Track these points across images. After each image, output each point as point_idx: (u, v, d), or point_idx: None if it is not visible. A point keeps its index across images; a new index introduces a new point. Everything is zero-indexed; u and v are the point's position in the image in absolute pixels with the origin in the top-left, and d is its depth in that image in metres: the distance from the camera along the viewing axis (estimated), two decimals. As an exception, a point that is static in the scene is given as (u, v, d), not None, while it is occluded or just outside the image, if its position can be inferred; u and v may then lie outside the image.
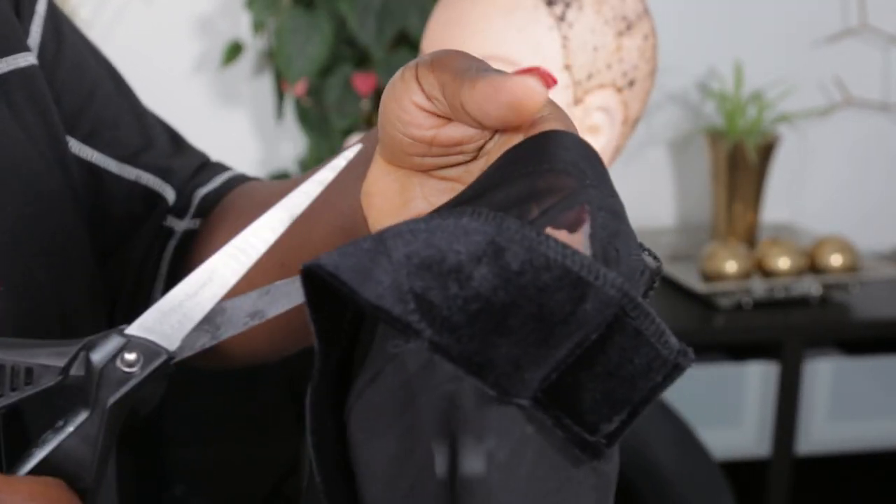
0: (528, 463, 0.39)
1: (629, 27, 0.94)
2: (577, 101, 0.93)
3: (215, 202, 0.72)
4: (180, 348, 0.45)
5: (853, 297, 1.92)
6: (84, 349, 0.44)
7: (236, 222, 0.67)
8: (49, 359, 0.43)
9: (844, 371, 1.91)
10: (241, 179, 0.75)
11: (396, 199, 0.48)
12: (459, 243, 0.38)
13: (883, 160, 2.22)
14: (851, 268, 1.90)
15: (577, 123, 0.94)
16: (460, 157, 0.46)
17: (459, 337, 0.38)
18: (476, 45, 0.91)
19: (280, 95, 1.89)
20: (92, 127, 0.70)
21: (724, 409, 1.87)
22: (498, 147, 0.45)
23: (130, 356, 0.44)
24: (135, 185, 0.71)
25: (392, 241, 0.39)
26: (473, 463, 0.38)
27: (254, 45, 1.95)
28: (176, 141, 0.75)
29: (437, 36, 0.94)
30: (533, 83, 0.42)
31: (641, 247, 0.44)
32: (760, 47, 2.11)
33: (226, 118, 2.01)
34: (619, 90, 0.95)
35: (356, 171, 0.51)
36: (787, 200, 2.20)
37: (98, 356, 0.43)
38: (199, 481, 1.08)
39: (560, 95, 0.93)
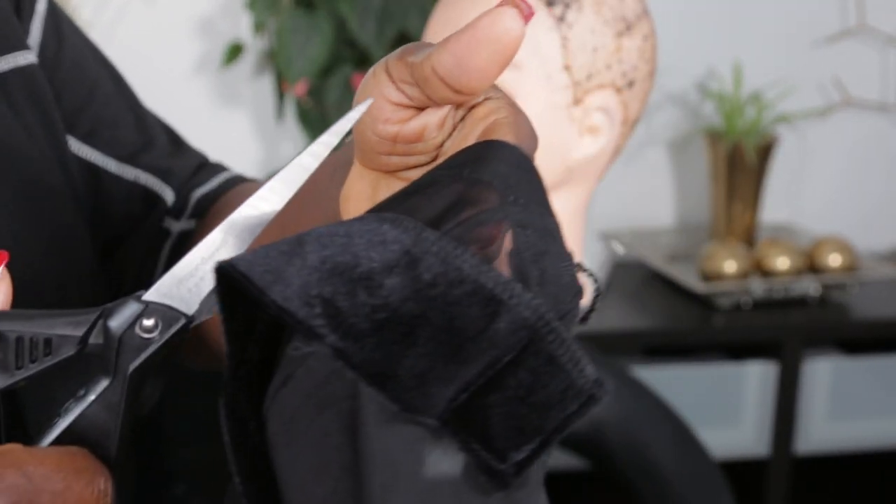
0: (430, 488, 0.38)
1: (629, 28, 0.94)
2: (577, 102, 0.94)
3: (211, 203, 0.73)
4: (198, 311, 0.45)
5: (852, 297, 1.93)
6: (101, 317, 0.43)
7: None
8: (67, 328, 0.43)
9: (843, 371, 1.91)
10: (238, 180, 0.75)
11: (368, 203, 0.48)
12: (375, 250, 0.38)
13: (882, 160, 2.23)
14: (850, 268, 1.91)
15: (576, 124, 0.94)
16: (421, 158, 0.46)
17: (363, 345, 0.37)
18: (476, 46, 0.91)
19: (280, 96, 1.89)
20: (91, 126, 0.70)
21: (724, 408, 1.88)
22: (453, 148, 0.45)
23: (149, 322, 0.43)
24: (134, 186, 0.71)
25: (310, 243, 0.38)
26: (377, 481, 0.37)
27: (254, 46, 1.96)
28: (175, 141, 0.75)
29: (437, 36, 0.94)
30: (507, 11, 0.41)
31: (580, 267, 0.43)
32: (759, 48, 2.11)
33: (226, 118, 2.01)
34: (619, 90, 0.95)
35: (342, 174, 0.51)
36: (786, 200, 2.20)
37: (116, 323, 0.43)
38: (200, 481, 1.09)
39: (560, 96, 0.93)
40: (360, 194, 0.48)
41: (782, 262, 1.88)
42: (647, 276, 2.02)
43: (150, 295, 0.44)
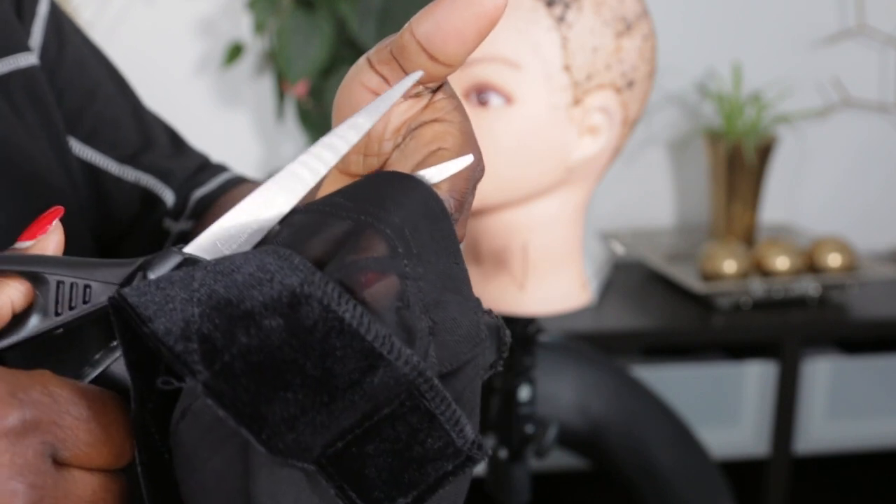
0: None
1: (628, 28, 0.94)
2: (577, 102, 0.94)
3: (211, 204, 0.73)
4: None
5: (851, 297, 1.93)
6: (141, 269, 0.43)
7: None
8: (107, 276, 0.43)
9: (843, 370, 1.92)
10: (237, 181, 0.75)
11: None
12: (260, 288, 0.37)
13: (881, 160, 2.23)
14: (849, 268, 1.91)
15: (576, 124, 0.95)
16: (373, 162, 0.46)
17: (235, 385, 0.37)
18: (476, 47, 0.92)
19: (281, 96, 1.90)
20: (93, 127, 0.70)
21: (723, 408, 1.88)
22: (395, 162, 0.45)
23: None
24: (134, 188, 0.71)
25: (201, 275, 0.38)
26: None
27: (255, 46, 1.96)
28: (176, 142, 0.76)
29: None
30: None
31: (488, 314, 0.42)
32: (759, 48, 2.12)
33: (227, 119, 2.02)
34: (619, 91, 0.95)
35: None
36: (785, 201, 2.20)
37: (155, 275, 0.42)
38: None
39: (559, 96, 0.93)
40: None
41: (782, 262, 1.88)
42: (647, 276, 2.02)
43: (191, 248, 0.43)
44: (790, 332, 1.84)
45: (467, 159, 0.45)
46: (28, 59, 0.65)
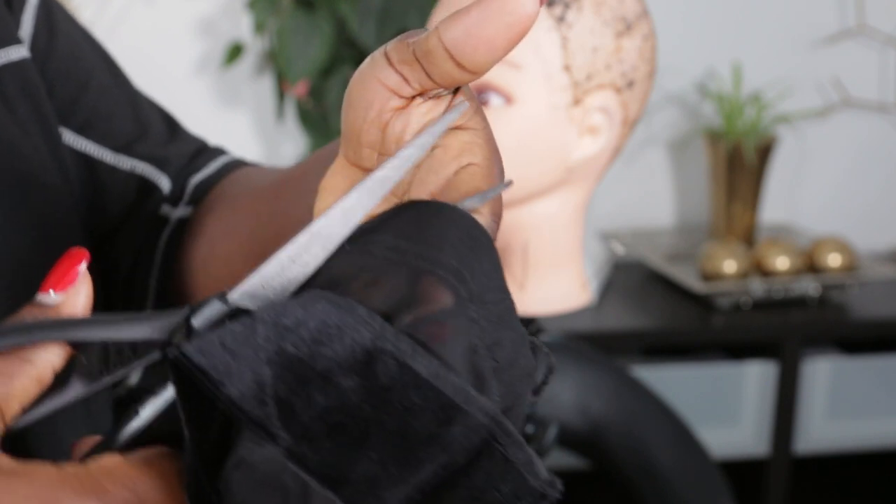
0: None
1: (628, 28, 0.94)
2: (577, 102, 0.94)
3: (209, 189, 0.72)
4: None
5: (851, 297, 1.93)
6: (186, 318, 0.42)
7: (225, 209, 0.68)
8: (149, 331, 0.42)
9: (843, 371, 1.92)
10: (235, 165, 0.75)
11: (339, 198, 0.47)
12: (331, 344, 0.37)
13: (881, 160, 2.23)
14: (849, 268, 1.91)
15: (576, 124, 0.95)
16: None
17: (317, 448, 0.36)
18: (476, 47, 0.92)
19: (281, 96, 1.90)
20: (86, 118, 0.70)
21: (723, 408, 1.88)
22: (420, 173, 0.45)
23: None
24: (130, 176, 0.71)
25: (263, 331, 0.37)
26: None
27: (255, 46, 1.96)
28: (172, 127, 0.75)
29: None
30: None
31: (533, 343, 0.42)
32: (759, 48, 2.12)
33: (227, 119, 2.02)
34: (619, 91, 0.95)
35: (328, 164, 0.51)
36: (785, 201, 2.20)
37: (199, 322, 0.42)
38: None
39: (559, 96, 0.93)
40: (337, 188, 0.47)
41: (782, 262, 1.89)
42: (647, 276, 2.02)
43: (236, 295, 0.43)
44: (790, 332, 1.85)
45: (507, 185, 0.44)
46: (19, 52, 0.65)
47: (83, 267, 0.43)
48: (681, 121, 2.15)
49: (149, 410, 0.42)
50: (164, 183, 0.72)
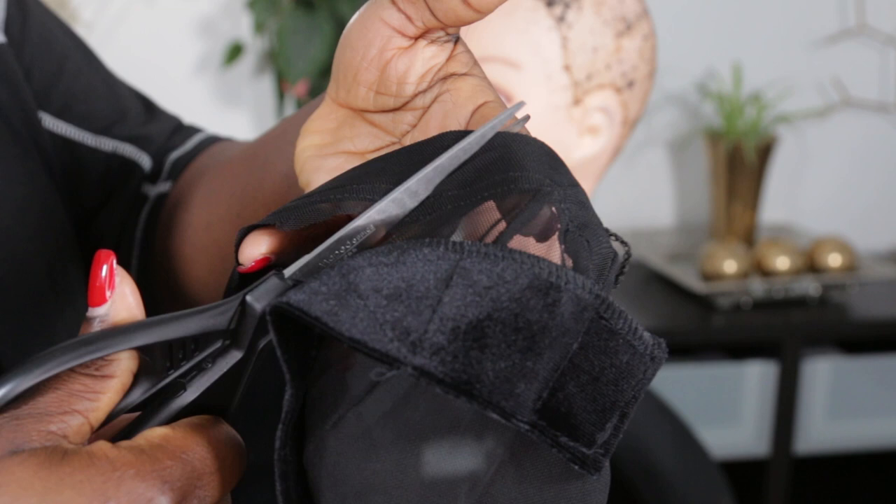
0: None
1: (628, 28, 0.94)
2: (577, 102, 0.94)
3: (187, 164, 0.73)
4: None
5: (851, 297, 1.93)
6: (242, 303, 0.42)
7: (204, 179, 0.68)
8: (213, 323, 0.42)
9: (843, 370, 1.92)
10: (211, 140, 0.75)
11: (327, 138, 0.47)
12: (425, 270, 0.38)
13: (881, 160, 2.23)
14: (850, 268, 1.91)
15: (576, 124, 0.95)
16: (389, 101, 0.46)
17: (442, 358, 0.37)
18: (475, 46, 0.92)
19: (281, 96, 1.90)
20: (64, 101, 0.70)
21: (723, 408, 1.88)
22: (429, 116, 0.45)
23: None
24: (112, 157, 0.71)
25: (355, 276, 0.38)
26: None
27: (255, 46, 1.96)
28: (148, 107, 0.76)
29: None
30: None
31: (608, 232, 0.43)
32: (759, 48, 2.12)
33: (227, 118, 2.02)
34: (619, 91, 0.95)
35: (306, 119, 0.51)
36: (785, 201, 2.20)
37: (261, 305, 0.42)
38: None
39: (560, 96, 0.93)
40: (323, 129, 0.47)
41: (782, 262, 1.89)
42: (647, 276, 2.02)
43: (292, 272, 0.43)
44: (790, 332, 1.85)
45: (522, 104, 0.45)
46: None
47: (116, 266, 0.42)
48: (681, 121, 2.15)
49: (197, 386, 0.42)
50: (146, 161, 0.72)
